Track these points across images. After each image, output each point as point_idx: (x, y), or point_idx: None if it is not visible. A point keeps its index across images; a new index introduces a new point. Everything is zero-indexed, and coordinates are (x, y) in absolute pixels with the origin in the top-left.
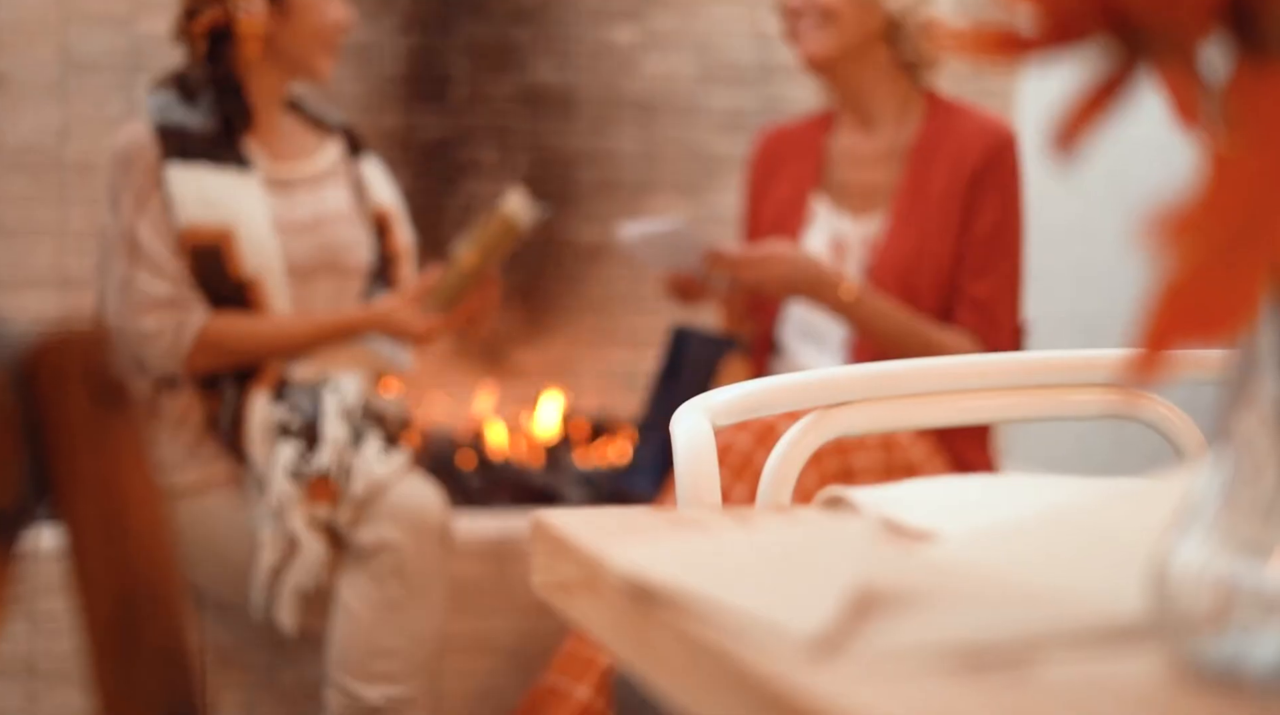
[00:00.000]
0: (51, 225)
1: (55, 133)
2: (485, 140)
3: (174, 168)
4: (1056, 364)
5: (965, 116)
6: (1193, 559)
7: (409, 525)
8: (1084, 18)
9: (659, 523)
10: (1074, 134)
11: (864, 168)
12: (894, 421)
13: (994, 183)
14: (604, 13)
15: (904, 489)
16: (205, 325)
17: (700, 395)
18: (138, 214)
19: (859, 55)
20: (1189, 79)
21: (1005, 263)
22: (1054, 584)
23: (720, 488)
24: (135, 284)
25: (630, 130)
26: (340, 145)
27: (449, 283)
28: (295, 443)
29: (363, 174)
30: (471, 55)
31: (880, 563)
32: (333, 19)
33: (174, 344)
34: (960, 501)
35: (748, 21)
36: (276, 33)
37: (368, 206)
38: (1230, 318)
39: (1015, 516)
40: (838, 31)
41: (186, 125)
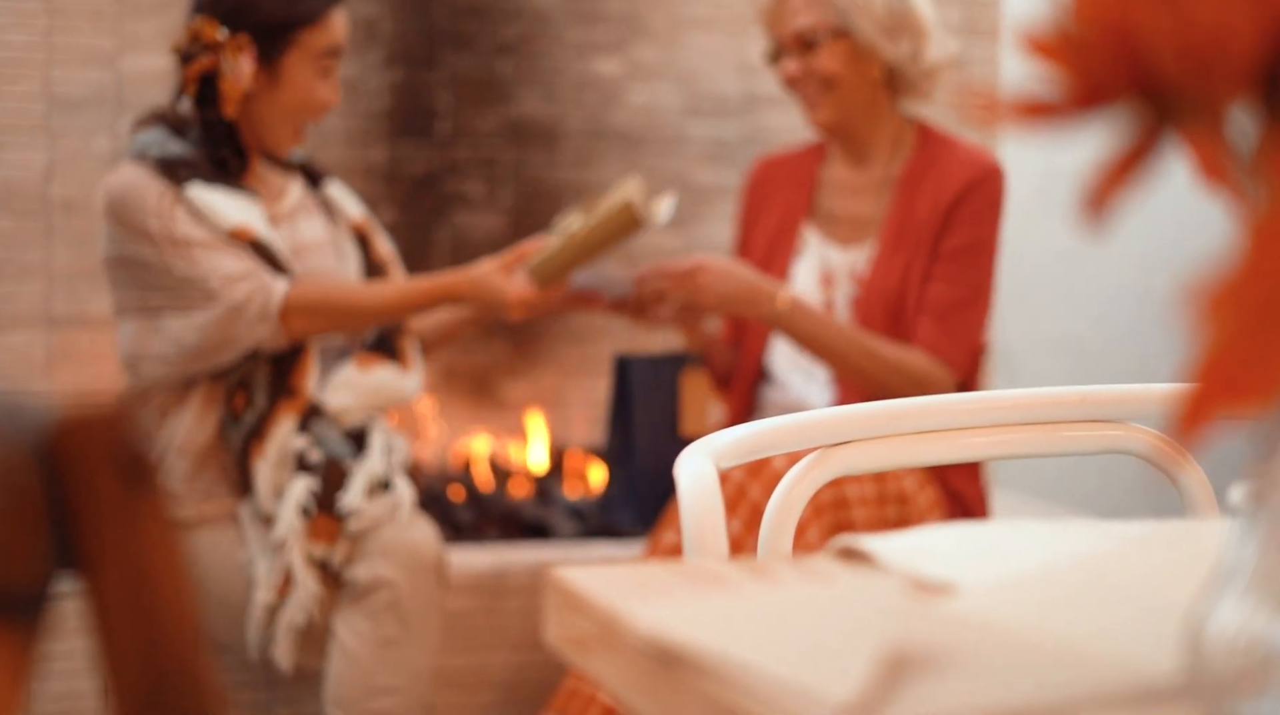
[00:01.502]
0: (37, 265)
1: (41, 172)
2: (471, 173)
3: (195, 188)
4: (1054, 400)
5: (952, 148)
6: (1229, 620)
7: (404, 562)
8: (1114, 81)
9: (676, 578)
10: (1104, 199)
11: (854, 199)
12: (895, 460)
13: (969, 209)
14: (588, 45)
15: (919, 537)
16: (292, 287)
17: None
18: (172, 225)
19: (863, 108)
20: (1216, 144)
21: (970, 279)
22: (1084, 641)
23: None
24: (202, 271)
25: (615, 162)
26: (300, 180)
27: (550, 253)
28: (311, 478)
29: (329, 197)
30: (456, 89)
31: (911, 623)
32: (319, 100)
33: (264, 306)
34: (977, 550)
35: (731, 52)
36: (257, 99)
37: (341, 226)
38: (1267, 387)
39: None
40: (842, 95)
41: (186, 157)
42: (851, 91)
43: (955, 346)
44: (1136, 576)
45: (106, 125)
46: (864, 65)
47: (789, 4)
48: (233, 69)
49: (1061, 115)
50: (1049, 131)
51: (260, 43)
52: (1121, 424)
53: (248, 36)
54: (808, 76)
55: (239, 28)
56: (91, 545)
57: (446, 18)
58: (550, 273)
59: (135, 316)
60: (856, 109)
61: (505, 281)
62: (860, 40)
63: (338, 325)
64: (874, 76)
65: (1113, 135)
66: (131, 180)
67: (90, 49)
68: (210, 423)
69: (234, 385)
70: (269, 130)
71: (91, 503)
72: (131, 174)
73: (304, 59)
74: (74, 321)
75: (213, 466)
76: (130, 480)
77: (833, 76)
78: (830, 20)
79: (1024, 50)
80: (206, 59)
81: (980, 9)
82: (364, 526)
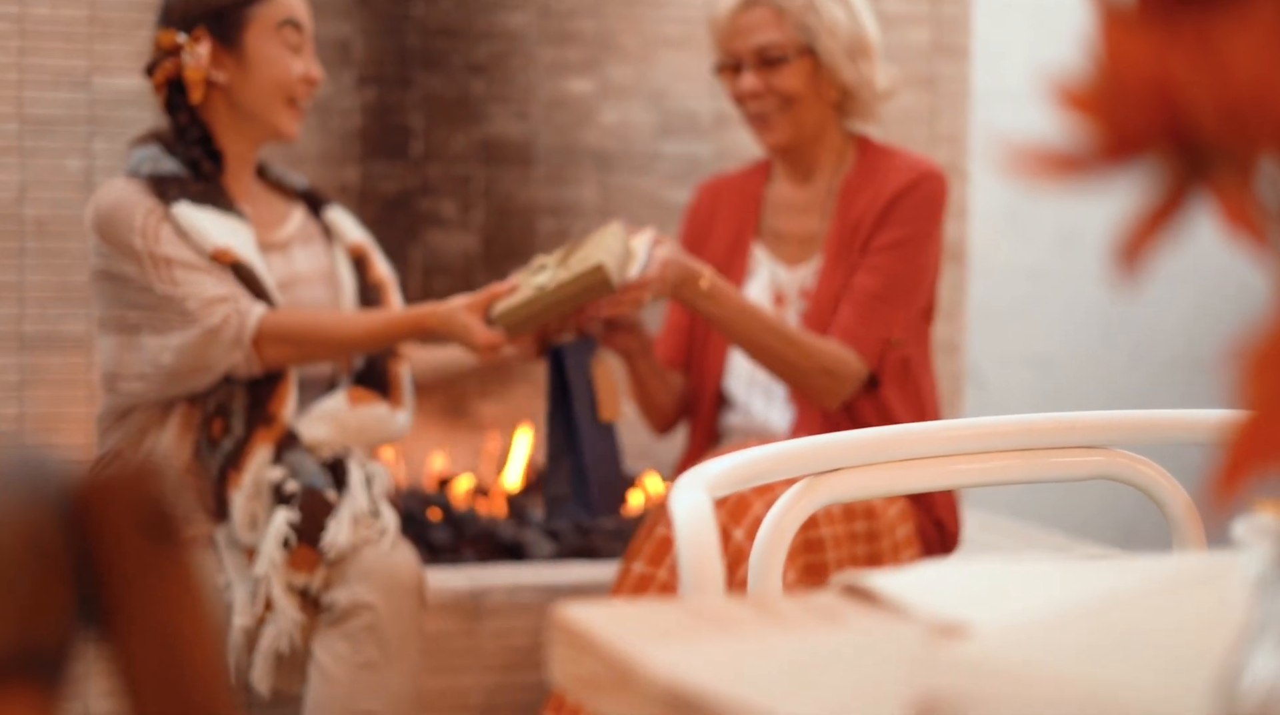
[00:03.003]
0: (10, 286)
1: (13, 192)
2: (444, 193)
3: (182, 207)
4: (1040, 426)
5: (892, 157)
6: (1264, 673)
7: (384, 585)
8: (1146, 133)
9: (685, 619)
10: (1136, 252)
11: (799, 216)
12: (883, 487)
13: (904, 208)
14: (560, 65)
15: (925, 575)
16: (267, 314)
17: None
18: (156, 243)
19: (816, 128)
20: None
21: (896, 272)
22: (1110, 689)
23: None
24: (181, 292)
25: (588, 180)
26: (303, 208)
27: (518, 304)
28: (290, 510)
29: (329, 221)
30: (428, 109)
31: (934, 670)
32: (297, 73)
33: (239, 331)
34: (988, 588)
35: (703, 72)
36: (235, 85)
37: (340, 251)
38: None
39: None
40: (798, 114)
41: (179, 174)
42: (808, 111)
43: (869, 336)
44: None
45: (79, 146)
46: (823, 85)
47: (750, 18)
48: (192, 57)
49: (1091, 167)
50: (1079, 184)
51: (215, 29)
52: (1107, 450)
53: (203, 29)
54: (768, 93)
55: (194, 25)
56: (118, 603)
57: (419, 38)
58: (516, 323)
59: (116, 333)
60: (809, 129)
61: (474, 321)
62: (823, 60)
63: (310, 354)
64: (830, 97)
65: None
66: (121, 195)
67: (62, 70)
68: (188, 445)
69: (212, 411)
70: (260, 113)
71: (119, 562)
72: (121, 189)
73: (263, 33)
74: (47, 342)
75: (190, 488)
76: (157, 538)
77: (794, 95)
78: (796, 39)
79: (1054, 101)
80: (169, 63)
81: (950, 29)
82: (343, 554)
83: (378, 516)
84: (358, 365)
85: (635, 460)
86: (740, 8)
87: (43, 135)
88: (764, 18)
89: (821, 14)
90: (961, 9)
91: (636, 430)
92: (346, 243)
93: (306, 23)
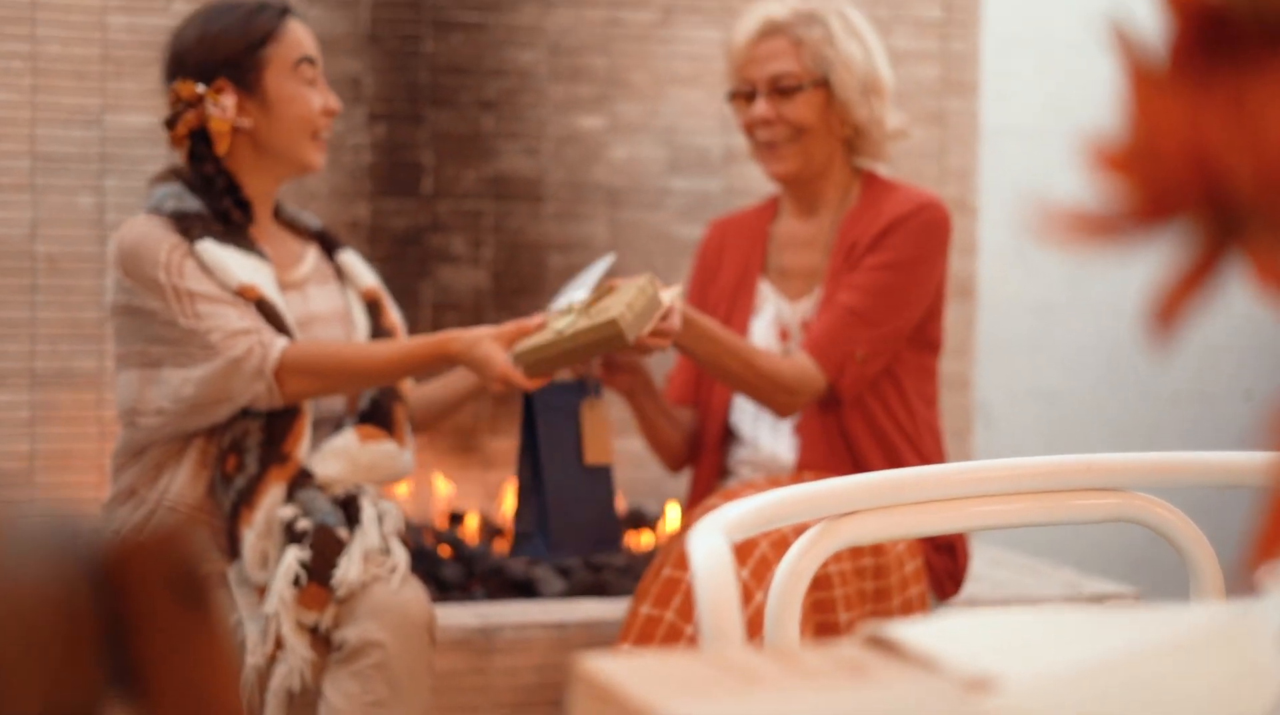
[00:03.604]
0: (21, 322)
1: (26, 229)
2: (455, 229)
3: (206, 244)
4: (1058, 468)
5: (894, 191)
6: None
7: (394, 623)
8: (1182, 195)
9: (709, 671)
10: (1172, 312)
11: (803, 251)
12: (901, 529)
13: (899, 234)
14: (570, 101)
15: (950, 625)
16: (290, 345)
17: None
18: (180, 278)
19: (824, 161)
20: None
21: (876, 290)
22: None
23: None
24: (206, 325)
25: (599, 217)
26: (316, 248)
27: (537, 346)
28: (301, 548)
29: (342, 264)
30: (439, 145)
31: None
32: (317, 107)
33: (261, 362)
34: (1016, 640)
35: (712, 108)
36: (260, 128)
37: (354, 292)
38: None
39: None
40: (807, 146)
41: (202, 213)
42: (817, 143)
43: (833, 349)
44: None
45: (91, 183)
46: (834, 120)
47: (768, 47)
48: (217, 108)
49: (1126, 229)
50: (1114, 245)
51: (234, 76)
52: (1126, 492)
53: (223, 79)
54: (779, 122)
55: (212, 76)
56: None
57: (429, 75)
58: (534, 365)
59: (136, 367)
60: (816, 161)
61: (496, 351)
62: (836, 94)
63: (334, 385)
64: (839, 132)
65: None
66: (144, 232)
67: (74, 107)
68: (202, 482)
69: (226, 447)
70: (286, 151)
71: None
72: (144, 226)
73: (281, 73)
74: (58, 379)
75: (203, 526)
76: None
77: (804, 125)
78: (811, 70)
79: (1091, 162)
80: (191, 115)
81: (959, 66)
82: (354, 592)
83: (388, 554)
84: (363, 404)
85: (645, 498)
86: (759, 36)
87: (55, 172)
88: (781, 47)
89: (839, 48)
90: (970, 45)
91: (647, 466)
92: (360, 287)
93: (318, 55)
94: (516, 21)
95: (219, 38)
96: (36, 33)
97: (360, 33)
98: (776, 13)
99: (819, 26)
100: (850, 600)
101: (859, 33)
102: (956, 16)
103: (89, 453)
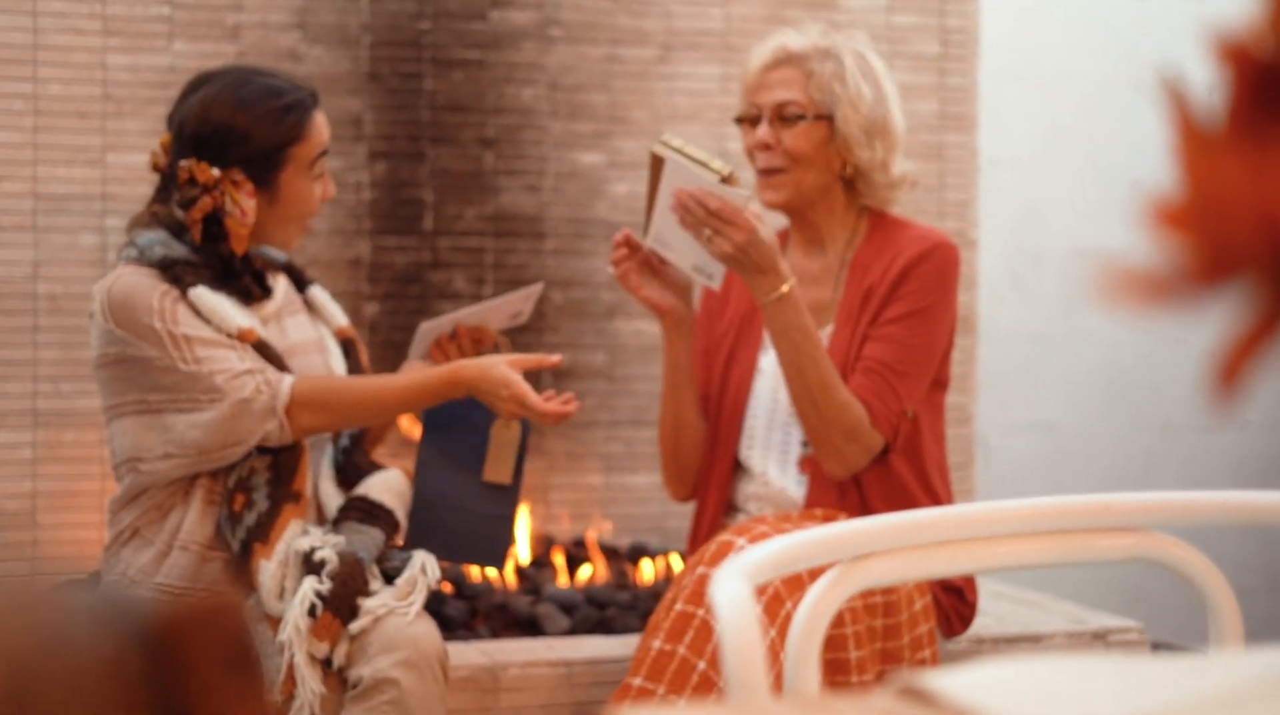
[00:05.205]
0: (24, 362)
1: (28, 269)
2: (456, 265)
3: (200, 291)
4: (1076, 509)
5: (904, 229)
6: None
7: (407, 659)
8: (1240, 255)
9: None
10: (1234, 375)
11: (810, 286)
12: (918, 571)
13: (916, 279)
14: (571, 138)
15: (990, 674)
16: (299, 380)
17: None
18: (175, 324)
19: (818, 196)
20: None
21: (910, 344)
22: None
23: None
24: (208, 368)
25: (600, 253)
26: (285, 280)
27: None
28: (317, 578)
29: (312, 299)
30: (440, 182)
31: None
32: (317, 200)
33: (271, 401)
34: (1056, 689)
35: (712, 144)
36: (260, 216)
37: (328, 328)
38: None
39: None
40: (800, 177)
41: (189, 259)
42: (811, 176)
43: (885, 408)
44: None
45: (93, 223)
46: (832, 157)
47: (779, 74)
48: (235, 206)
49: (1187, 289)
50: (1174, 307)
51: (253, 172)
52: (1144, 532)
53: (241, 171)
54: (777, 148)
55: (229, 162)
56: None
57: (429, 112)
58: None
59: (133, 416)
60: (810, 195)
61: (514, 373)
62: (838, 131)
63: (346, 419)
64: (837, 170)
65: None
66: (133, 282)
67: (76, 147)
68: (210, 520)
69: (233, 486)
70: (274, 236)
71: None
72: (132, 276)
73: (298, 172)
74: (60, 419)
75: (215, 562)
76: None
77: (800, 156)
78: (816, 103)
79: (1150, 221)
80: (206, 200)
81: (957, 99)
82: (365, 625)
83: (411, 591)
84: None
85: (647, 535)
86: (771, 63)
87: (56, 212)
88: (791, 76)
89: (848, 86)
90: (968, 79)
91: (649, 502)
92: (334, 326)
93: (329, 141)
94: (516, 59)
95: (249, 131)
96: (38, 73)
97: (361, 71)
98: (794, 43)
99: (832, 62)
100: (860, 638)
101: (875, 76)
102: (954, 51)
103: (91, 492)
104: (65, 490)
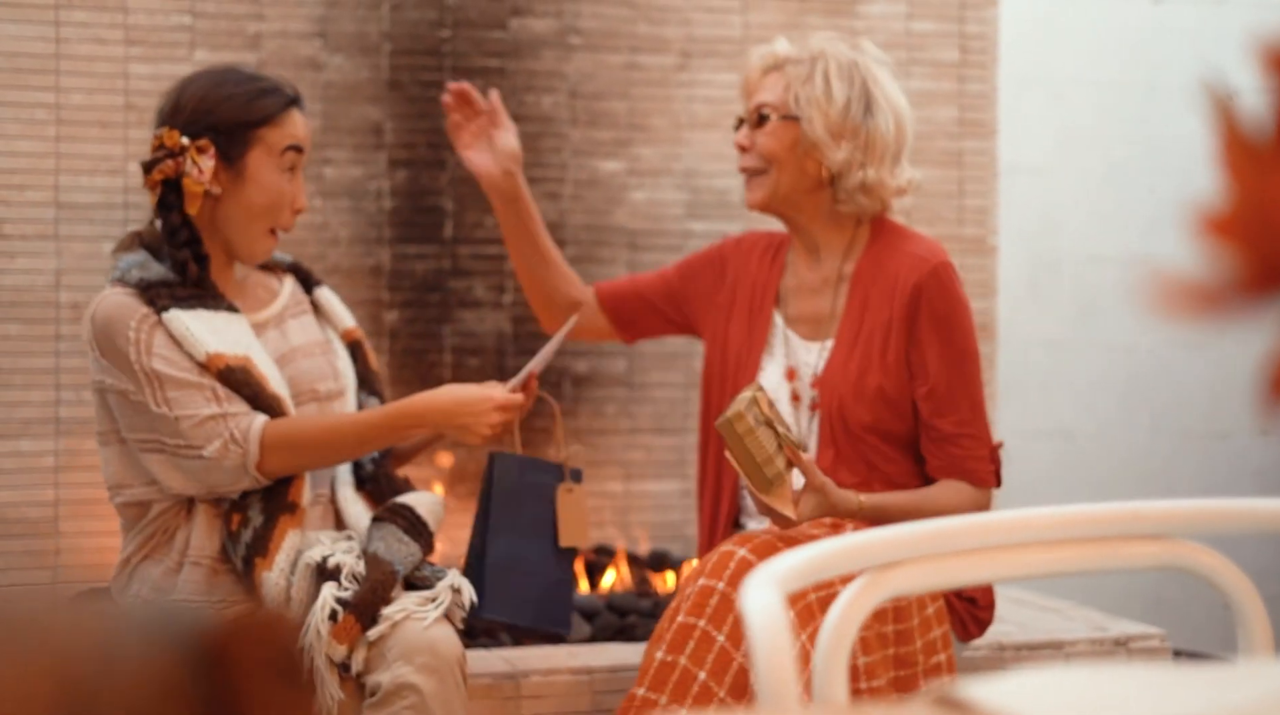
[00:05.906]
0: (46, 371)
1: (50, 278)
2: (476, 273)
3: (173, 313)
4: (1105, 516)
5: (900, 243)
6: None
7: (427, 664)
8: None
9: None
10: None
11: (811, 296)
12: (946, 580)
13: (930, 315)
14: (591, 145)
15: (1027, 683)
16: (266, 425)
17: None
18: (149, 356)
19: (801, 200)
20: None
21: (965, 393)
22: None
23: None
24: (175, 413)
25: (619, 260)
26: (292, 281)
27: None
28: (340, 588)
29: (320, 300)
30: (460, 190)
31: None
32: (286, 199)
33: (242, 455)
34: (1095, 699)
35: (731, 152)
36: (225, 201)
37: (334, 330)
38: None
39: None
40: (775, 179)
41: (168, 279)
42: (785, 178)
43: (981, 467)
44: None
45: (115, 232)
46: (803, 158)
47: (765, 78)
48: (194, 167)
49: (1236, 298)
50: (1223, 317)
51: (221, 143)
52: (1173, 540)
53: (209, 139)
54: (752, 150)
55: (201, 133)
56: None
57: None
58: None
59: (117, 446)
60: (791, 197)
61: (463, 391)
62: (805, 132)
63: (317, 459)
64: (812, 172)
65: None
66: (113, 306)
67: (98, 157)
68: (216, 537)
69: (229, 507)
70: (240, 232)
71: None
72: (113, 300)
73: (266, 155)
74: (82, 427)
75: (225, 575)
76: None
77: (770, 156)
78: (785, 104)
79: (1200, 231)
80: (169, 164)
81: (976, 106)
82: (384, 631)
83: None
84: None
85: (669, 542)
86: (761, 68)
87: (79, 221)
88: (774, 80)
89: (816, 87)
90: (987, 86)
91: (671, 510)
92: (341, 328)
93: (308, 149)
94: (536, 67)
95: (221, 103)
96: (60, 83)
97: (381, 79)
98: (781, 49)
99: (806, 65)
100: (868, 644)
101: (863, 82)
102: (973, 58)
103: None
104: (87, 498)
